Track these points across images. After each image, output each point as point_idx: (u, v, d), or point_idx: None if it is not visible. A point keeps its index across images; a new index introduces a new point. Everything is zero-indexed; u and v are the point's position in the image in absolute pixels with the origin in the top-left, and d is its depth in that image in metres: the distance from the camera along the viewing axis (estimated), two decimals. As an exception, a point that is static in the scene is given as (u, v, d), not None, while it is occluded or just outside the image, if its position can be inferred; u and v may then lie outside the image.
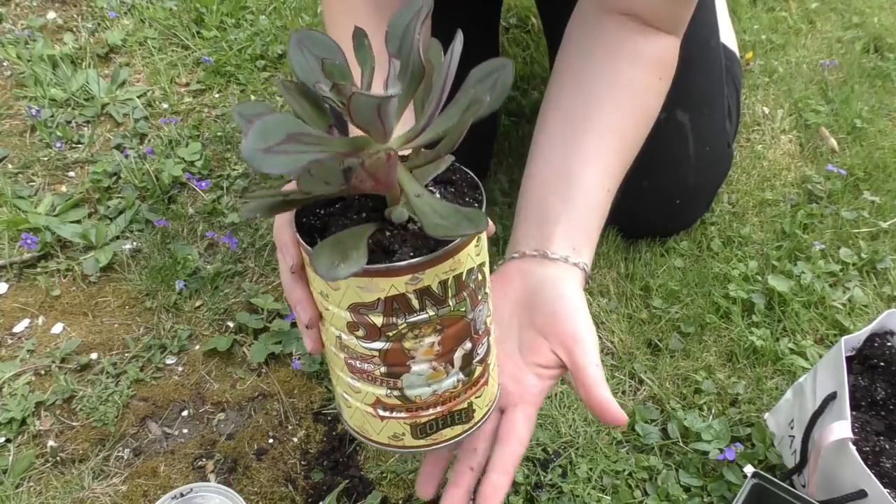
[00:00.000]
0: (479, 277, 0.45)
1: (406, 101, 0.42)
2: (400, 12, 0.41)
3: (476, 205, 0.45)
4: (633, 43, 0.70)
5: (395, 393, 0.46)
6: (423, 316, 0.42)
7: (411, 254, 0.41)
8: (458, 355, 0.46)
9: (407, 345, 0.44)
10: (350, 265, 0.37)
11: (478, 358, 0.48)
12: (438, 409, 0.48)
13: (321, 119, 0.42)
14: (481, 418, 0.51)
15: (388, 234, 0.42)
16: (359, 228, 0.41)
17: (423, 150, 0.42)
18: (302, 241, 0.42)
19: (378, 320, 0.42)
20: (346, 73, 0.40)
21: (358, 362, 0.45)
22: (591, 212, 0.64)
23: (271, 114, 0.35)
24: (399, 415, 0.47)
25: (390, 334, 0.43)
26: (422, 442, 0.49)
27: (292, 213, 0.44)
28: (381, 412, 0.47)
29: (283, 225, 0.46)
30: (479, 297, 0.46)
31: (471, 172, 0.47)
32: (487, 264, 0.47)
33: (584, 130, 0.67)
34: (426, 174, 0.45)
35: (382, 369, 0.45)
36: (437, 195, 0.45)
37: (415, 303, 0.42)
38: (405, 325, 0.43)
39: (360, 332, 0.43)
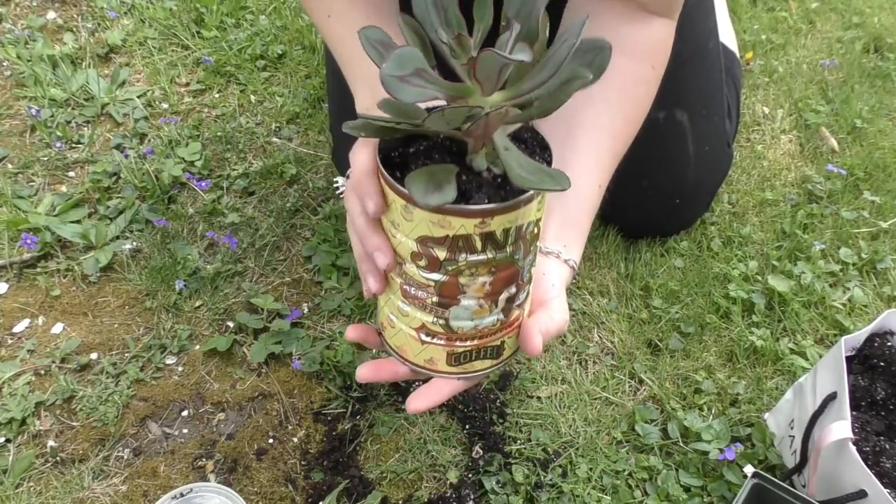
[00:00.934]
0: (535, 231, 0.49)
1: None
2: None
3: (547, 164, 0.49)
4: (626, 31, 0.70)
5: (441, 322, 0.50)
6: (482, 257, 0.46)
7: (486, 200, 0.44)
8: (503, 297, 0.50)
9: (462, 280, 0.48)
10: (443, 194, 0.41)
11: (517, 302, 0.52)
12: (475, 342, 0.52)
13: (428, 59, 0.45)
14: (508, 356, 0.56)
15: (464, 178, 0.45)
16: (447, 166, 0.44)
17: (512, 107, 0.45)
18: (386, 174, 0.45)
19: (442, 254, 0.46)
20: (463, 25, 0.44)
21: (413, 289, 0.49)
22: (581, 210, 0.64)
23: (401, 46, 0.40)
24: (439, 342, 0.52)
25: (450, 268, 0.47)
26: (453, 369, 0.54)
27: (376, 162, 0.47)
28: (423, 337, 0.52)
29: (365, 173, 0.48)
30: (531, 249, 0.50)
31: (542, 133, 0.50)
32: (543, 221, 0.51)
33: (574, 126, 0.66)
34: (507, 129, 0.49)
35: (434, 299, 0.49)
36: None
37: (478, 244, 0.46)
38: (465, 262, 0.47)
39: (423, 262, 0.47)
